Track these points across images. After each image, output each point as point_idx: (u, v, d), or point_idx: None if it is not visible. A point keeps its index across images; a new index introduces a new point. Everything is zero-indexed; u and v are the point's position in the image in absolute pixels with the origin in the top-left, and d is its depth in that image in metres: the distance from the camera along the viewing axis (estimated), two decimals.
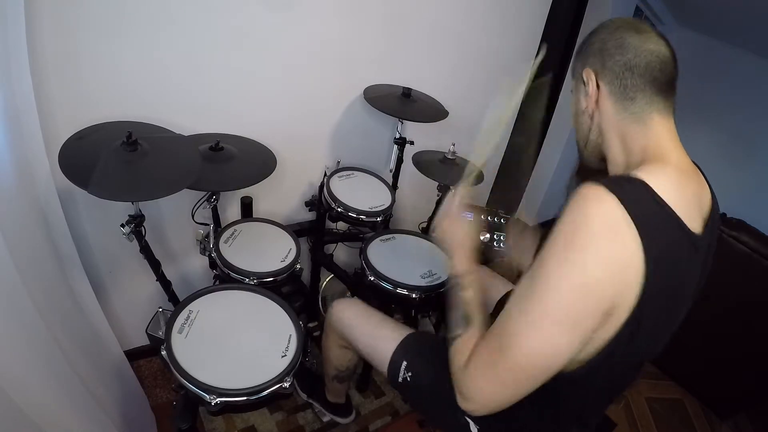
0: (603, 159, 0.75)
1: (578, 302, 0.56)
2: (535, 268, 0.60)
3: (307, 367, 1.49)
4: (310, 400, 1.41)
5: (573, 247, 0.56)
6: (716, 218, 0.70)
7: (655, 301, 0.58)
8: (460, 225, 0.86)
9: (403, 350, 0.94)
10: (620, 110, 0.68)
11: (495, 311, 1.03)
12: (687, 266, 0.63)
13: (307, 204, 1.59)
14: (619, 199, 0.54)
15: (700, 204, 0.66)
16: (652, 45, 0.65)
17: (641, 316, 0.58)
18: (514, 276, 1.14)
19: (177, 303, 1.08)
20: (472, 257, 0.82)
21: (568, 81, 2.61)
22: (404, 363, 0.92)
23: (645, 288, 0.56)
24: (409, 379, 0.91)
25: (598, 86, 0.70)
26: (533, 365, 0.59)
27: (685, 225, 0.59)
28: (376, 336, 1.00)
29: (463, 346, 0.69)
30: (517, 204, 2.93)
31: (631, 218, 0.54)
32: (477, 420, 0.83)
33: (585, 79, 0.71)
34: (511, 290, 1.10)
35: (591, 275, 0.55)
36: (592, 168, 0.79)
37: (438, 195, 1.59)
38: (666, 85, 0.66)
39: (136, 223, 0.96)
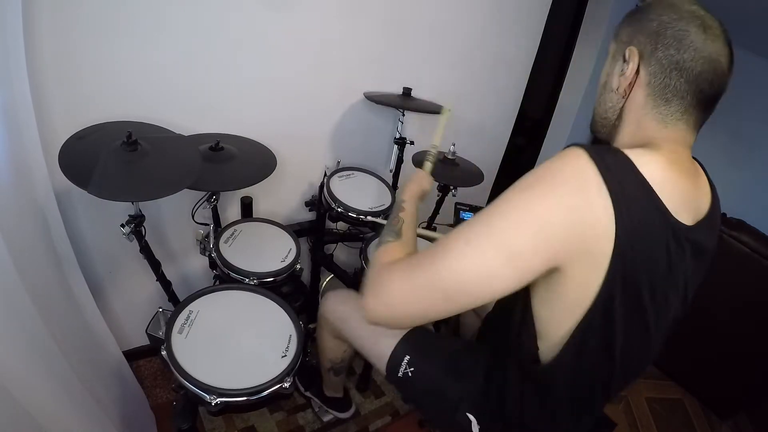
0: (611, 134, 0.72)
1: (526, 233, 0.54)
2: (498, 197, 0.58)
3: (307, 362, 1.49)
4: (308, 394, 1.41)
5: (536, 185, 0.55)
6: (716, 217, 0.68)
7: (629, 282, 0.56)
8: (420, 174, 1.00)
9: (405, 345, 0.94)
10: (650, 105, 0.63)
11: (495, 309, 1.02)
12: (668, 254, 0.58)
13: (307, 204, 1.59)
14: (597, 166, 0.53)
15: (695, 200, 0.64)
16: (714, 50, 0.59)
17: (612, 297, 0.56)
18: None
19: (177, 303, 1.08)
20: (419, 192, 0.93)
21: (569, 81, 2.61)
22: (407, 357, 0.92)
23: (614, 262, 0.54)
24: (410, 374, 0.91)
25: (638, 71, 0.64)
26: (455, 283, 0.57)
27: (667, 211, 0.56)
28: (375, 330, 1.00)
29: (391, 250, 0.71)
30: None
31: (606, 185, 0.52)
32: (479, 418, 0.82)
33: (627, 56, 0.64)
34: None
35: (544, 215, 0.53)
36: (601, 138, 0.75)
37: (438, 195, 1.59)
38: (709, 100, 0.62)
39: (136, 223, 0.96)
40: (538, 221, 0.54)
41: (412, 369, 0.91)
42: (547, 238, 0.54)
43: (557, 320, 0.63)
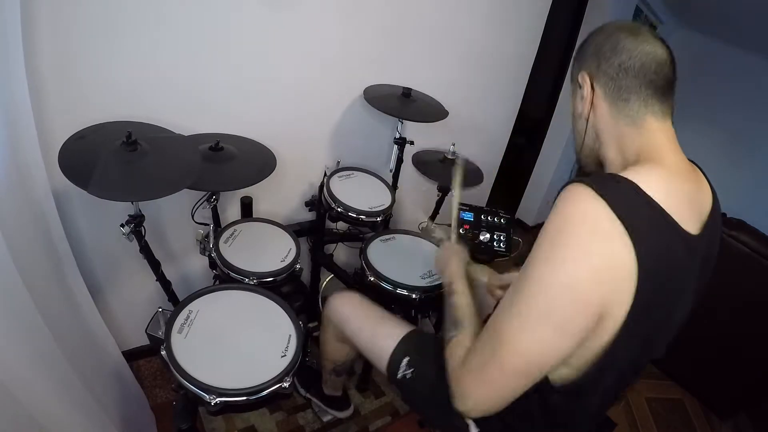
0: (600, 164, 0.74)
1: (564, 302, 0.55)
2: (523, 269, 0.60)
3: (306, 363, 1.49)
4: (308, 395, 1.41)
5: (556, 246, 0.56)
6: (718, 218, 0.69)
7: (650, 303, 0.57)
8: (450, 246, 1.02)
9: (404, 346, 0.94)
10: (615, 113, 0.68)
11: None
12: (682, 267, 0.61)
13: (307, 204, 1.59)
14: (604, 198, 0.54)
15: (699, 205, 0.65)
16: (648, 47, 0.65)
17: (636, 320, 0.57)
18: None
19: (177, 303, 1.08)
20: (462, 267, 0.92)
21: (568, 84, 2.61)
22: (405, 359, 0.92)
23: (638, 289, 0.55)
24: (408, 375, 0.91)
25: (593, 88, 0.70)
26: (524, 365, 0.59)
27: (678, 225, 0.58)
28: (376, 331, 1.00)
29: (457, 347, 0.71)
30: (517, 204, 2.94)
31: (617, 217, 0.53)
32: (477, 421, 0.82)
33: (580, 82, 0.71)
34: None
35: (574, 275, 0.55)
36: (591, 172, 0.78)
37: (438, 195, 1.59)
38: (662, 87, 0.65)
39: (136, 223, 0.97)
40: (569, 285, 0.55)
41: (411, 370, 0.91)
42: (585, 299, 0.55)
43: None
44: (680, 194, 0.61)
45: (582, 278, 0.54)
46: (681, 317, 0.69)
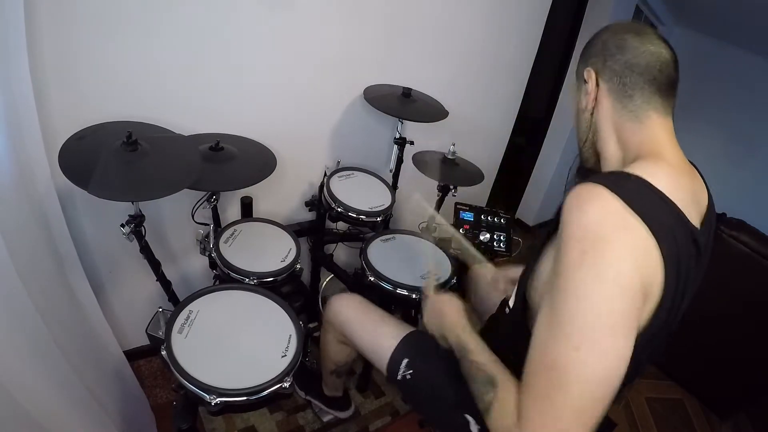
0: (599, 160, 0.75)
1: (617, 301, 0.52)
2: (554, 289, 0.56)
3: (306, 365, 1.49)
4: (308, 398, 1.41)
5: (589, 250, 0.53)
6: (713, 217, 0.70)
7: (669, 298, 0.57)
8: (441, 299, 0.90)
9: (404, 347, 0.94)
10: (618, 107, 0.69)
11: (498, 309, 1.02)
12: (691, 261, 0.60)
13: (307, 204, 1.59)
14: (619, 196, 0.54)
15: (697, 201, 0.66)
16: (653, 46, 0.66)
17: (659, 315, 0.57)
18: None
19: (177, 303, 1.08)
20: (462, 316, 0.83)
21: (569, 82, 2.61)
22: (405, 360, 0.92)
23: (665, 283, 0.55)
24: (408, 376, 0.91)
25: (597, 84, 0.71)
26: (597, 387, 0.52)
27: (686, 218, 0.59)
28: (376, 332, 1.00)
29: (504, 408, 0.61)
30: (517, 204, 2.94)
31: (636, 213, 0.53)
32: (477, 418, 0.82)
33: (586, 77, 0.73)
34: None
35: (618, 271, 0.52)
36: (591, 167, 0.79)
37: (438, 195, 1.59)
38: (665, 85, 0.67)
39: (136, 223, 0.97)
40: (619, 286, 0.52)
41: (411, 371, 0.91)
42: (634, 292, 0.53)
43: None
44: (684, 189, 0.62)
45: (626, 269, 0.52)
46: (679, 317, 0.69)
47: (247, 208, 1.40)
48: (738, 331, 1.72)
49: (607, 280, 0.52)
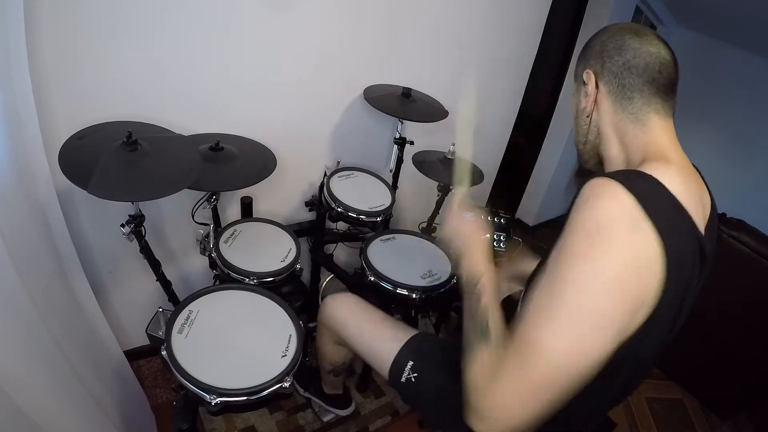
0: (601, 162, 0.75)
1: (605, 302, 0.53)
2: (553, 271, 0.57)
3: (306, 363, 1.49)
4: (308, 394, 1.41)
5: (595, 245, 0.53)
6: (715, 220, 0.70)
7: (668, 305, 0.57)
8: (468, 224, 0.82)
9: (409, 350, 0.94)
10: (618, 110, 0.69)
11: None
12: (694, 266, 0.60)
13: (307, 204, 1.59)
14: (634, 195, 0.53)
15: (703, 205, 0.65)
16: (652, 47, 0.66)
17: (655, 320, 0.56)
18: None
19: (177, 303, 1.08)
20: (486, 257, 0.77)
21: (569, 81, 2.62)
22: (410, 363, 0.92)
23: (665, 285, 0.54)
24: (413, 380, 0.91)
25: (597, 86, 0.71)
26: (565, 374, 0.54)
27: (696, 227, 0.58)
28: (376, 335, 1.00)
29: (484, 363, 0.63)
30: (517, 204, 2.94)
31: (647, 213, 0.53)
32: None
33: (585, 79, 0.72)
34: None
35: (616, 274, 0.53)
36: (591, 168, 0.79)
37: (438, 195, 1.59)
38: (665, 86, 0.66)
39: (136, 223, 0.96)
40: (611, 284, 0.53)
41: (415, 374, 0.91)
42: (624, 297, 0.53)
43: None
44: (692, 192, 0.61)
45: (624, 273, 0.53)
46: (682, 321, 0.68)
47: (247, 208, 1.40)
48: (738, 331, 1.72)
49: (606, 279, 0.53)
